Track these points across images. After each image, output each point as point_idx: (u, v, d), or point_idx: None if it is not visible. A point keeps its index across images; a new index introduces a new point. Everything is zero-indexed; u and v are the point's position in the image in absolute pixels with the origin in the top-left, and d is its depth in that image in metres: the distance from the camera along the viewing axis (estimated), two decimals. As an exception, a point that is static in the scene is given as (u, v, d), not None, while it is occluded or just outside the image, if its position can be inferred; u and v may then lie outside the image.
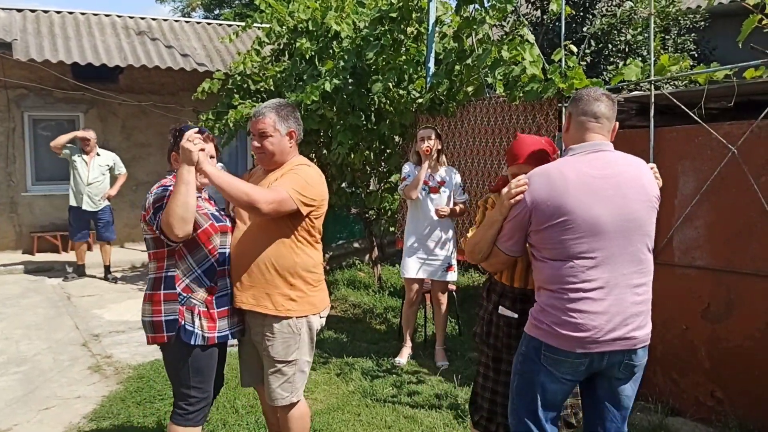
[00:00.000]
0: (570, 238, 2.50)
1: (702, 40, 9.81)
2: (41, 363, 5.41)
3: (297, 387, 3.15)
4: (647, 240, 2.59)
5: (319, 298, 3.14)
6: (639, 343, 2.57)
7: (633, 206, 2.53)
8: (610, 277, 2.49)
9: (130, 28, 11.30)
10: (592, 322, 2.48)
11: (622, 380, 2.65)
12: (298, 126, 3.15)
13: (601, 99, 2.64)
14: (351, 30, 6.87)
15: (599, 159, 2.58)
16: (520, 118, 5.15)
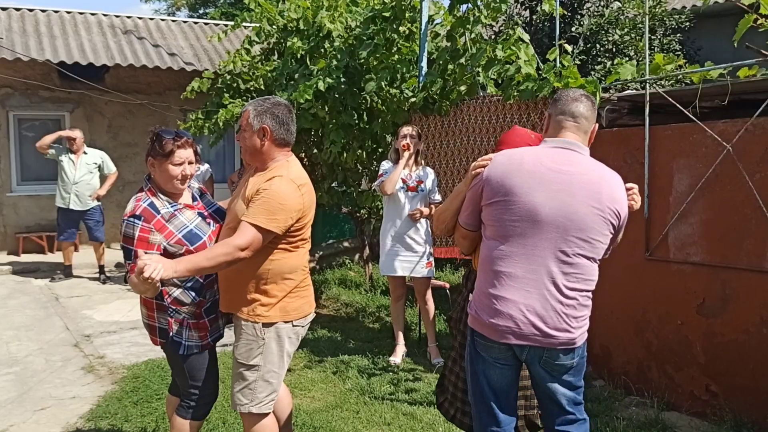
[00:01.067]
0: (507, 218, 2.56)
1: (687, 41, 9.93)
2: (33, 364, 5.36)
3: (258, 397, 2.96)
4: (588, 247, 2.53)
5: (294, 306, 2.97)
6: (559, 345, 2.54)
7: (578, 207, 2.51)
8: (536, 269, 2.52)
9: (116, 27, 11.22)
10: (508, 311, 2.54)
11: (551, 377, 2.63)
12: (278, 124, 2.91)
13: (580, 99, 2.66)
14: (343, 29, 6.87)
15: (563, 155, 2.60)
16: (514, 117, 5.19)
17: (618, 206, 2.57)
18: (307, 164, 7.79)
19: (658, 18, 9.30)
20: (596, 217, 2.52)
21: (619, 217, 2.58)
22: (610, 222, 2.55)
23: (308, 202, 2.94)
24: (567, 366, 2.61)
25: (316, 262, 8.92)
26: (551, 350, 2.56)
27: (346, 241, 9.50)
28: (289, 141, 2.99)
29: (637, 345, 4.51)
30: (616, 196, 2.57)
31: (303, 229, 2.96)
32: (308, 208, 2.95)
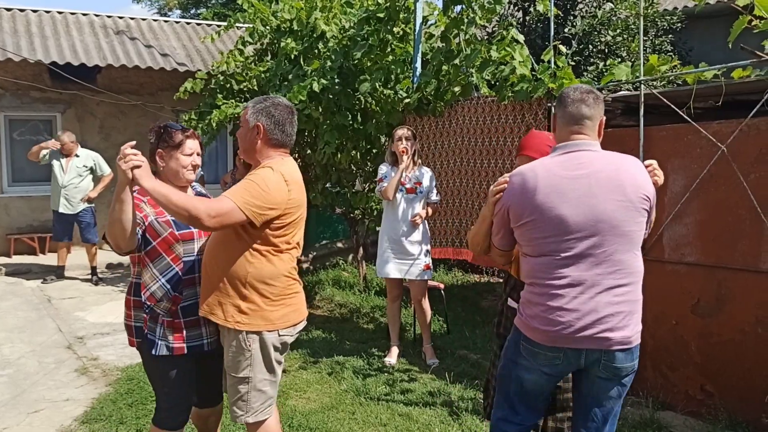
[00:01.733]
0: (538, 237, 2.58)
1: (679, 41, 9.98)
2: (26, 366, 5.32)
3: (253, 407, 2.90)
4: (626, 240, 2.53)
5: (278, 314, 2.85)
6: (615, 345, 2.54)
7: (604, 206, 2.51)
8: (581, 276, 2.52)
9: (108, 27, 11.17)
10: (560, 318, 2.54)
11: (605, 379, 2.63)
12: (272, 124, 2.85)
13: (583, 99, 2.65)
14: (337, 30, 6.87)
15: (575, 159, 2.59)
16: (509, 118, 5.20)
17: (643, 190, 2.57)
18: (300, 165, 7.78)
19: (650, 19, 9.34)
20: (625, 209, 2.52)
21: (648, 200, 2.58)
22: (642, 208, 2.56)
23: (295, 200, 2.82)
24: (628, 367, 2.60)
25: (310, 262, 8.91)
26: (610, 352, 2.55)
27: (339, 242, 9.49)
28: (285, 142, 2.90)
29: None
30: (639, 181, 2.57)
31: (286, 231, 2.83)
32: (294, 208, 2.83)
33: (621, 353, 2.56)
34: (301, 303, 2.99)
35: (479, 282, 8.21)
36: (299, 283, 2.99)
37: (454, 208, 5.78)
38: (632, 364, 2.61)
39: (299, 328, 2.99)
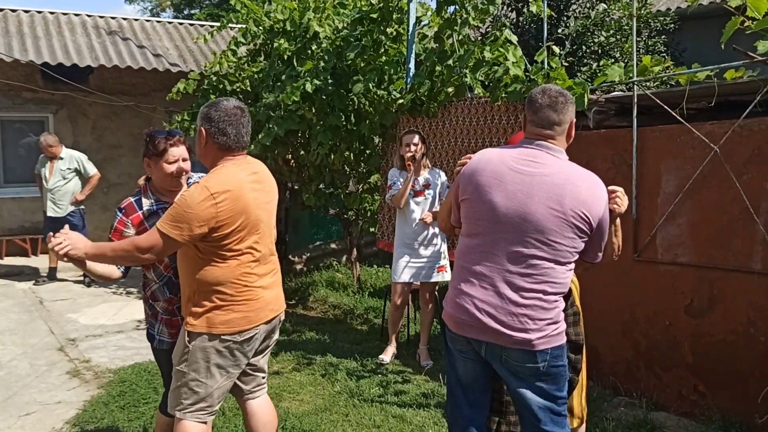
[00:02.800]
0: (472, 216, 2.65)
1: (672, 42, 10.01)
2: (17, 368, 5.29)
3: (182, 403, 2.90)
4: (550, 250, 2.50)
5: (222, 319, 2.83)
6: (513, 344, 2.52)
7: (535, 208, 2.50)
8: (491, 267, 2.56)
9: (100, 27, 11.12)
10: (465, 304, 2.59)
11: (512, 376, 2.61)
12: (213, 127, 2.82)
13: (552, 104, 2.61)
14: (330, 31, 6.86)
15: (530, 155, 2.59)
16: (502, 119, 5.19)
17: (585, 209, 2.50)
18: (294, 166, 7.77)
19: (643, 20, 9.36)
20: (555, 219, 2.49)
21: (586, 220, 2.51)
22: (575, 224, 2.50)
23: (227, 212, 2.73)
24: (532, 369, 2.55)
25: (304, 263, 8.90)
26: (509, 350, 2.55)
27: (333, 243, 9.47)
28: (230, 145, 2.85)
29: (625, 345, 4.52)
30: (584, 198, 2.51)
31: (227, 240, 2.78)
32: (229, 219, 2.75)
33: (518, 352, 2.54)
34: (254, 311, 2.89)
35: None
36: (258, 290, 2.90)
37: (447, 208, 5.76)
38: (535, 365, 2.55)
39: (247, 336, 2.89)
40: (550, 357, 2.56)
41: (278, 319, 3.10)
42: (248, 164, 2.95)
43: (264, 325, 2.97)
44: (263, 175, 3.01)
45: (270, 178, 3.08)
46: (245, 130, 2.90)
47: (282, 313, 3.13)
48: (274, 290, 3.03)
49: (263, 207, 2.93)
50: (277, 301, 3.05)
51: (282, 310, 3.11)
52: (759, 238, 3.78)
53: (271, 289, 3.00)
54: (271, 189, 3.06)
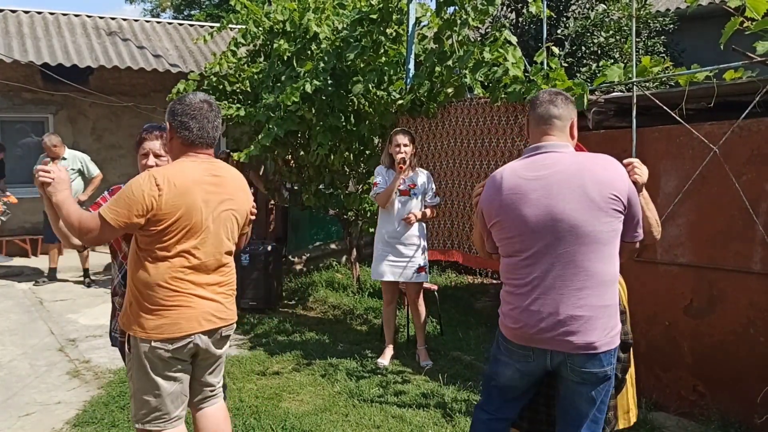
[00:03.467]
0: (504, 237, 2.66)
1: (671, 43, 10.01)
2: (17, 369, 5.30)
3: (136, 413, 2.82)
4: (590, 241, 2.49)
5: (152, 324, 2.69)
6: (576, 349, 2.52)
7: (562, 207, 2.50)
8: (542, 277, 2.55)
9: (100, 28, 11.13)
10: (523, 317, 2.60)
11: (575, 382, 2.62)
12: (177, 122, 2.75)
13: (552, 100, 2.67)
14: (330, 31, 6.86)
15: (539, 161, 2.62)
16: (501, 119, 5.20)
17: (609, 189, 2.49)
18: (294, 166, 7.77)
19: (642, 20, 9.36)
20: (586, 209, 2.48)
21: (617, 198, 2.50)
22: (609, 208, 2.49)
23: (168, 206, 2.62)
24: (596, 374, 2.56)
25: (304, 264, 8.90)
26: (572, 356, 2.55)
27: (333, 243, 9.47)
28: (193, 140, 2.75)
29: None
30: (605, 180, 2.51)
31: (161, 237, 2.66)
32: (167, 214, 2.63)
33: (584, 357, 2.54)
34: (186, 319, 2.72)
35: (473, 283, 8.21)
36: (193, 297, 2.74)
37: (445, 209, 5.77)
38: (602, 370, 2.56)
39: (179, 345, 2.72)
40: (612, 359, 2.59)
41: (221, 332, 2.87)
42: (210, 164, 2.80)
43: (204, 336, 2.78)
44: (227, 179, 2.84)
45: (235, 184, 2.88)
46: (211, 125, 2.78)
47: (228, 327, 2.91)
48: (217, 302, 2.82)
49: (215, 212, 2.76)
50: (220, 313, 2.83)
51: (228, 323, 2.89)
52: (758, 239, 3.78)
53: (212, 301, 2.80)
54: (232, 196, 2.84)
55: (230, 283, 2.91)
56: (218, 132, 2.83)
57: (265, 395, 4.60)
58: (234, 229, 2.87)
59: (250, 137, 7.85)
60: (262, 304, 7.14)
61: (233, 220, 2.85)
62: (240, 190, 2.90)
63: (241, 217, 2.91)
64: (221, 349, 2.94)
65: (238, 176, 2.94)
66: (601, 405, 2.66)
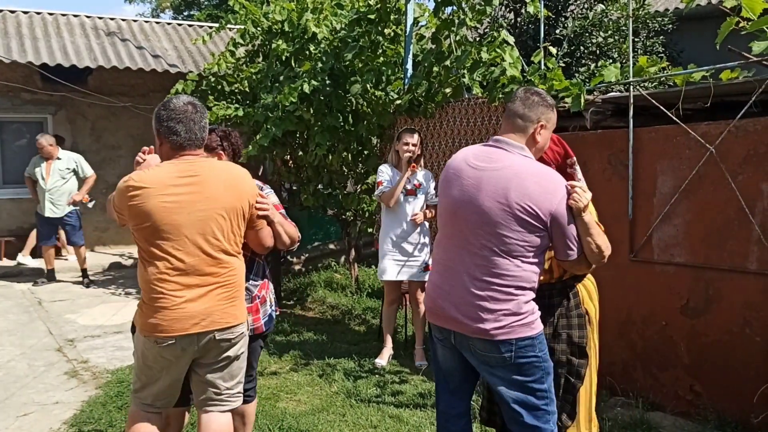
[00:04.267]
0: (439, 212, 2.85)
1: (670, 43, 10.02)
2: (16, 369, 5.30)
3: (132, 385, 3.02)
4: (500, 242, 2.55)
5: (144, 321, 2.76)
6: (472, 333, 2.61)
7: (483, 202, 2.59)
8: (451, 257, 2.71)
9: (99, 28, 11.13)
10: (432, 293, 2.78)
11: (481, 364, 2.68)
12: (161, 126, 2.79)
13: (524, 99, 2.72)
14: (328, 31, 6.87)
15: (486, 152, 2.70)
16: (499, 119, 5.20)
17: (530, 201, 2.53)
18: (293, 166, 7.78)
19: (641, 20, 9.37)
20: (501, 212, 2.55)
21: (532, 213, 2.53)
22: (521, 217, 2.53)
23: (135, 208, 2.69)
24: (498, 359, 2.61)
25: (302, 264, 8.91)
26: (473, 339, 2.63)
27: (332, 243, 9.49)
28: (181, 143, 2.78)
29: (622, 346, 4.53)
30: (530, 192, 2.54)
31: (144, 238, 2.73)
32: (138, 216, 2.70)
33: (480, 341, 2.61)
34: (168, 321, 2.73)
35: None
36: (177, 299, 2.73)
37: (444, 209, 5.78)
38: (500, 355, 2.59)
39: (165, 345, 2.75)
40: (516, 348, 2.59)
41: (214, 335, 2.81)
42: (189, 165, 2.79)
43: (192, 339, 2.77)
44: (206, 179, 2.79)
45: (218, 182, 2.82)
46: (198, 127, 2.81)
47: (224, 331, 2.84)
48: (205, 305, 2.78)
49: (191, 214, 2.74)
50: (212, 316, 2.79)
51: (223, 326, 2.83)
52: (754, 239, 3.79)
53: (199, 304, 2.77)
54: (212, 195, 2.79)
55: (229, 284, 2.85)
56: (206, 132, 2.87)
57: (263, 395, 4.60)
58: (223, 227, 2.81)
59: (248, 137, 7.85)
60: (261, 304, 7.13)
61: (218, 219, 2.79)
62: (227, 188, 2.83)
63: (231, 213, 2.83)
64: (225, 353, 2.88)
65: (227, 173, 2.88)
66: (538, 393, 2.65)
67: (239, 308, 2.91)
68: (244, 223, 2.93)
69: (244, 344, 2.98)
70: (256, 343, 3.31)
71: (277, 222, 3.12)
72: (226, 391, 2.96)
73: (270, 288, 3.41)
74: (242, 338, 2.95)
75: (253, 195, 2.95)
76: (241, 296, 2.95)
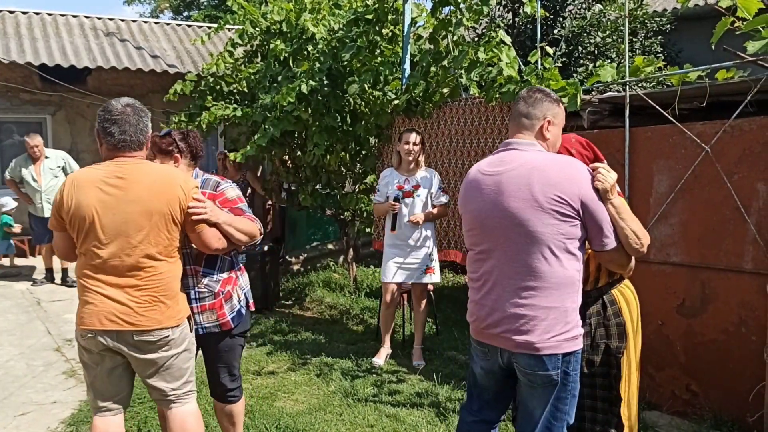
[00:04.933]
0: (466, 230, 2.75)
1: (668, 43, 10.03)
2: (14, 369, 5.31)
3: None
4: (533, 241, 2.46)
5: (77, 313, 2.87)
6: (517, 348, 2.50)
7: (510, 203, 2.50)
8: (491, 272, 2.58)
9: (98, 29, 11.15)
10: (475, 311, 2.68)
11: (525, 384, 2.60)
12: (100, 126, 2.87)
13: (526, 98, 2.69)
14: (326, 32, 6.88)
15: (500, 157, 2.65)
16: (496, 119, 5.21)
17: (556, 191, 2.44)
18: (291, 166, 7.79)
19: (639, 20, 9.39)
20: (530, 209, 2.46)
21: (562, 201, 2.44)
22: (551, 209, 2.44)
23: (65, 205, 2.80)
24: (540, 376, 2.51)
25: (301, 264, 8.92)
26: (515, 354, 2.53)
27: (330, 244, 9.50)
28: (115, 144, 2.81)
29: (618, 345, 4.53)
30: (554, 181, 2.46)
31: (72, 234, 2.84)
32: (67, 212, 2.80)
33: (526, 357, 2.50)
34: (88, 315, 2.79)
35: (470, 283, 8.21)
36: (96, 295, 2.78)
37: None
38: (546, 373, 2.50)
39: (88, 338, 2.82)
40: (562, 364, 2.50)
41: (132, 336, 2.80)
42: (118, 167, 2.81)
43: (109, 336, 2.79)
44: (132, 182, 2.79)
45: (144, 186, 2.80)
46: (134, 129, 2.82)
47: (141, 333, 2.80)
48: (123, 305, 2.78)
49: (115, 215, 2.76)
50: (127, 317, 2.78)
51: (138, 329, 2.79)
52: (750, 238, 3.79)
53: (119, 303, 2.78)
54: (138, 197, 2.78)
55: (150, 288, 2.81)
56: (144, 134, 2.87)
57: (260, 395, 4.62)
58: (146, 230, 2.78)
59: (247, 137, 7.87)
60: (259, 304, 7.11)
61: (140, 221, 2.78)
62: (152, 191, 2.80)
63: (156, 217, 2.79)
64: (147, 355, 2.85)
65: (155, 176, 2.85)
66: (555, 411, 2.57)
67: (163, 313, 2.84)
68: (176, 226, 2.85)
69: (176, 348, 2.90)
70: (233, 341, 3.24)
71: (224, 222, 2.97)
72: (172, 392, 2.96)
73: (239, 284, 3.26)
74: (170, 343, 2.87)
75: (184, 198, 2.85)
76: (171, 300, 2.87)
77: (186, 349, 2.97)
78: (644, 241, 2.58)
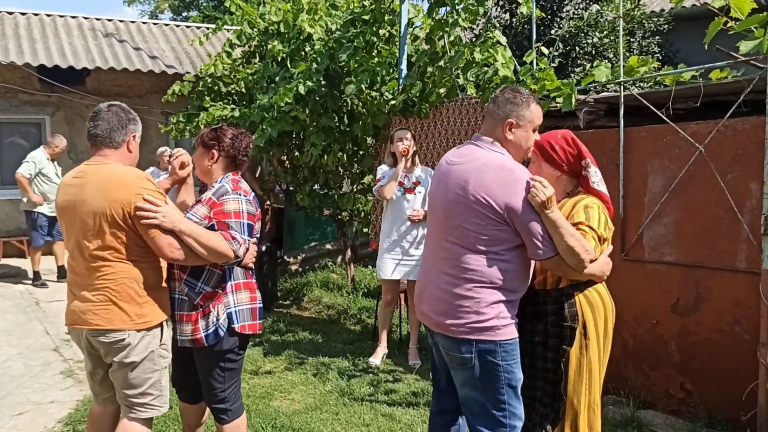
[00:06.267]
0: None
1: (665, 43, 10.05)
2: (12, 369, 5.33)
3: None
4: (460, 234, 2.58)
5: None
6: (436, 327, 2.68)
7: (448, 195, 2.67)
8: (427, 252, 2.85)
9: (97, 29, 11.17)
10: (416, 290, 2.89)
11: (448, 363, 2.73)
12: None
13: (495, 97, 2.76)
14: (323, 32, 6.90)
15: (463, 150, 2.78)
16: (492, 119, 5.22)
17: (485, 192, 2.52)
18: (289, 167, 7.81)
19: (636, 21, 9.41)
20: (461, 203, 2.60)
21: (486, 204, 2.51)
22: (475, 208, 2.54)
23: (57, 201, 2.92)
24: (458, 359, 2.62)
25: (299, 264, 8.93)
26: (438, 335, 2.70)
27: (328, 244, 9.51)
28: (88, 138, 2.93)
29: (613, 344, 4.48)
30: (487, 183, 2.53)
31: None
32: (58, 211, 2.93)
33: (442, 338, 2.67)
34: (66, 312, 2.90)
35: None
36: (68, 292, 2.91)
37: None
38: (460, 356, 2.59)
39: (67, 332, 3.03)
40: (476, 350, 2.57)
41: (89, 336, 2.83)
42: (84, 165, 2.88)
43: (75, 332, 2.89)
44: (86, 181, 2.79)
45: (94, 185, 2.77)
46: (108, 126, 2.86)
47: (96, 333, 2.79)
48: (83, 304, 2.79)
49: (73, 214, 2.80)
50: (85, 315, 2.79)
51: (92, 327, 2.78)
52: (743, 237, 3.81)
53: (80, 300, 2.81)
54: (86, 197, 2.76)
55: (103, 288, 2.77)
56: (121, 135, 2.89)
57: (257, 394, 4.63)
58: (91, 230, 2.76)
59: (245, 138, 7.87)
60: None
61: (87, 221, 2.76)
62: (98, 191, 2.75)
63: (100, 217, 2.74)
64: (110, 356, 2.83)
65: (106, 176, 2.80)
66: (495, 403, 2.60)
67: (116, 314, 2.78)
68: (123, 228, 2.76)
69: (136, 356, 2.83)
70: (210, 360, 3.00)
71: (184, 231, 2.77)
72: (129, 399, 2.92)
73: (224, 301, 2.98)
74: (128, 348, 2.81)
75: (129, 200, 2.73)
76: (127, 303, 2.80)
77: (148, 359, 2.86)
78: (583, 257, 2.56)
